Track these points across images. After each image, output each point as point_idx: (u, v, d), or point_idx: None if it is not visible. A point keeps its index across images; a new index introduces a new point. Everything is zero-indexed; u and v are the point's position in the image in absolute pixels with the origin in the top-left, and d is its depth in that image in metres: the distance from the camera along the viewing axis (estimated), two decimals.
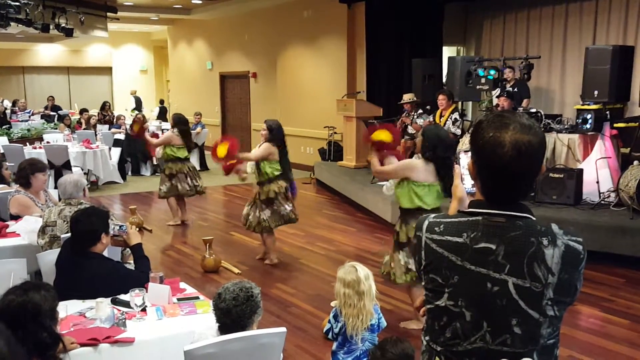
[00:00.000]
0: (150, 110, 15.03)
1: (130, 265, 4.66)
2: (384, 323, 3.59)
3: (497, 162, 1.63)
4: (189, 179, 8.45)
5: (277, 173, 6.49)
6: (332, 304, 3.71)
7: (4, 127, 14.29)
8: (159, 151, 8.56)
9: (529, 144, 1.62)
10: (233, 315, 2.78)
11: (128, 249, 4.67)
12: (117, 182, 11.95)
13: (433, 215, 1.83)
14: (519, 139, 1.61)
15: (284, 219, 6.64)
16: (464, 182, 1.97)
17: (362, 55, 11.81)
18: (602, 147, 7.68)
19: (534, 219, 1.69)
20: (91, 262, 3.70)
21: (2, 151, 9.91)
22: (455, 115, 8.61)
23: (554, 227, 1.68)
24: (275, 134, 6.50)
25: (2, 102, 16.64)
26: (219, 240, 7.54)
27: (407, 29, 11.10)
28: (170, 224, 8.68)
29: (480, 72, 9.05)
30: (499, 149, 1.62)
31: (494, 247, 1.65)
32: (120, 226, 4.02)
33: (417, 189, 4.65)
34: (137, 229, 4.13)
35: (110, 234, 3.84)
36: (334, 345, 3.57)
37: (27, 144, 11.44)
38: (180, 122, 8.46)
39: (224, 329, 2.82)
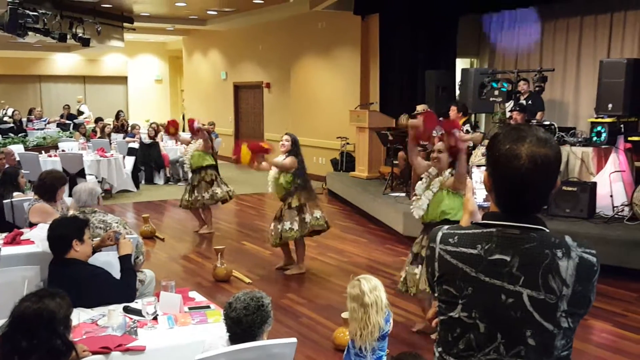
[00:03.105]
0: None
1: (142, 274, 4.71)
2: (388, 329, 3.58)
3: (513, 174, 1.64)
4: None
5: (288, 186, 6.55)
6: (343, 315, 3.73)
7: (20, 135, 14.45)
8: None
9: (545, 156, 1.63)
10: (244, 324, 2.79)
11: (140, 257, 4.71)
12: (131, 191, 12.02)
13: (447, 226, 1.83)
14: (535, 152, 1.63)
15: (307, 226, 6.61)
16: (476, 196, 2.00)
17: (376, 66, 11.84)
18: (616, 161, 7.63)
19: (547, 230, 1.69)
20: (66, 269, 3.70)
21: (18, 159, 10.01)
22: (467, 127, 8.61)
23: (568, 239, 1.68)
24: (297, 148, 6.58)
25: (12, 112, 16.68)
26: (230, 250, 7.56)
27: (421, 40, 11.11)
28: (203, 231, 8.79)
29: (494, 84, 9.04)
30: (515, 161, 1.63)
31: (508, 258, 1.66)
32: (117, 234, 4.02)
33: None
34: (127, 239, 4.08)
35: (85, 241, 3.79)
36: (348, 347, 3.59)
37: (43, 152, 11.55)
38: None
39: (234, 338, 2.83)
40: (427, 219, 4.78)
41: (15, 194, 6.34)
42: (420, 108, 9.52)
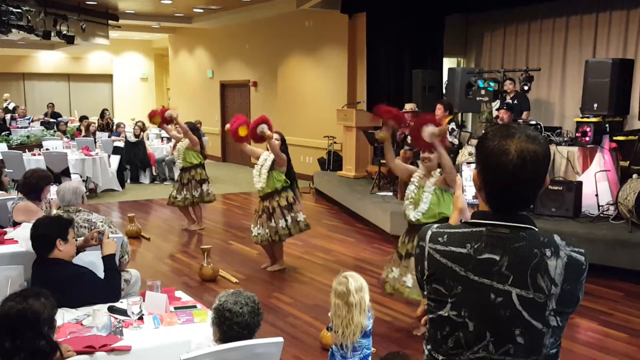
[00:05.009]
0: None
1: (128, 274, 4.66)
2: (370, 326, 3.56)
3: (502, 169, 1.64)
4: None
5: (285, 184, 6.53)
6: (330, 314, 3.71)
7: (3, 133, 14.28)
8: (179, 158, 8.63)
9: (534, 153, 1.63)
10: (251, 327, 2.82)
11: (125, 257, 4.67)
12: (116, 190, 11.92)
13: (436, 225, 1.83)
14: (524, 148, 1.62)
15: (299, 226, 6.63)
16: (465, 193, 2.00)
17: (363, 65, 11.84)
18: (602, 160, 7.68)
19: (536, 229, 1.69)
20: (50, 269, 3.64)
21: (1, 157, 9.90)
22: (452, 125, 8.63)
23: (556, 238, 1.68)
24: (285, 146, 6.60)
25: (8, 104, 16.89)
26: (217, 249, 7.53)
27: (408, 39, 11.13)
28: (194, 228, 8.90)
29: (481, 83, 9.06)
30: (504, 156, 1.63)
31: (497, 258, 1.66)
32: (101, 233, 3.96)
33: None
34: (111, 238, 4.01)
35: (69, 241, 3.72)
36: (331, 351, 3.57)
37: (27, 150, 11.42)
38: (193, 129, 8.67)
39: (234, 340, 2.79)
40: (424, 221, 4.72)
41: None
42: (408, 106, 9.53)
